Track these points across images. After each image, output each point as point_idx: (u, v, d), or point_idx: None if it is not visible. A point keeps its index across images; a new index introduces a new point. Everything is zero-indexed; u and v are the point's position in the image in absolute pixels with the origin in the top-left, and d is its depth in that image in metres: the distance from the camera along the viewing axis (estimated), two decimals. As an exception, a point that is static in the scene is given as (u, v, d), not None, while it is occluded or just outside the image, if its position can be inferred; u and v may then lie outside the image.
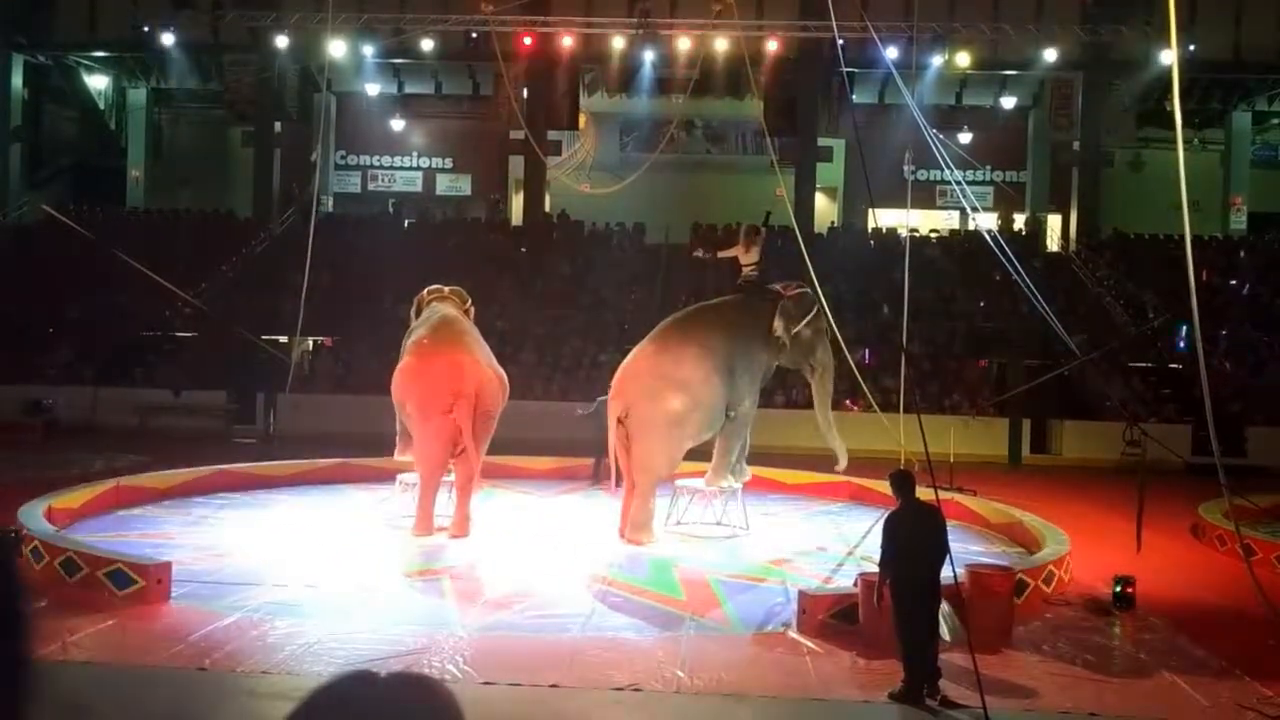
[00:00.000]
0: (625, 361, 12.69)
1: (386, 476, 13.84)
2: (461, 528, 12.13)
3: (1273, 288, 26.54)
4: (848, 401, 21.83)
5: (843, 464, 13.78)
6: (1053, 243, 30.75)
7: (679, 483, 13.20)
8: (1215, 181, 31.47)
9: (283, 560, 10.87)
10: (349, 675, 1.39)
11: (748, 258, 13.63)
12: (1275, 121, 32.58)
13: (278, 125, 30.68)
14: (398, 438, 13.08)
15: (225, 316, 22.64)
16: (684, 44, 25.82)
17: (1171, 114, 9.55)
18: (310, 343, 24.63)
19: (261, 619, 8.72)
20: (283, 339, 22.18)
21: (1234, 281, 26.92)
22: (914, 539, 7.41)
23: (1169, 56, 18.38)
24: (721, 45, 24.78)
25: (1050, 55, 27.44)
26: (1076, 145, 30.19)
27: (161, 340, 24.69)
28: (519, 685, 7.49)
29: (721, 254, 14.46)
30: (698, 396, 12.06)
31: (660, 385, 11.98)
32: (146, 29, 28.35)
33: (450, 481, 12.58)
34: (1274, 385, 22.95)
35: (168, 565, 9.51)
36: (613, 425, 12.14)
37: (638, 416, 11.96)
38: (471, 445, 11.93)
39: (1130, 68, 28.06)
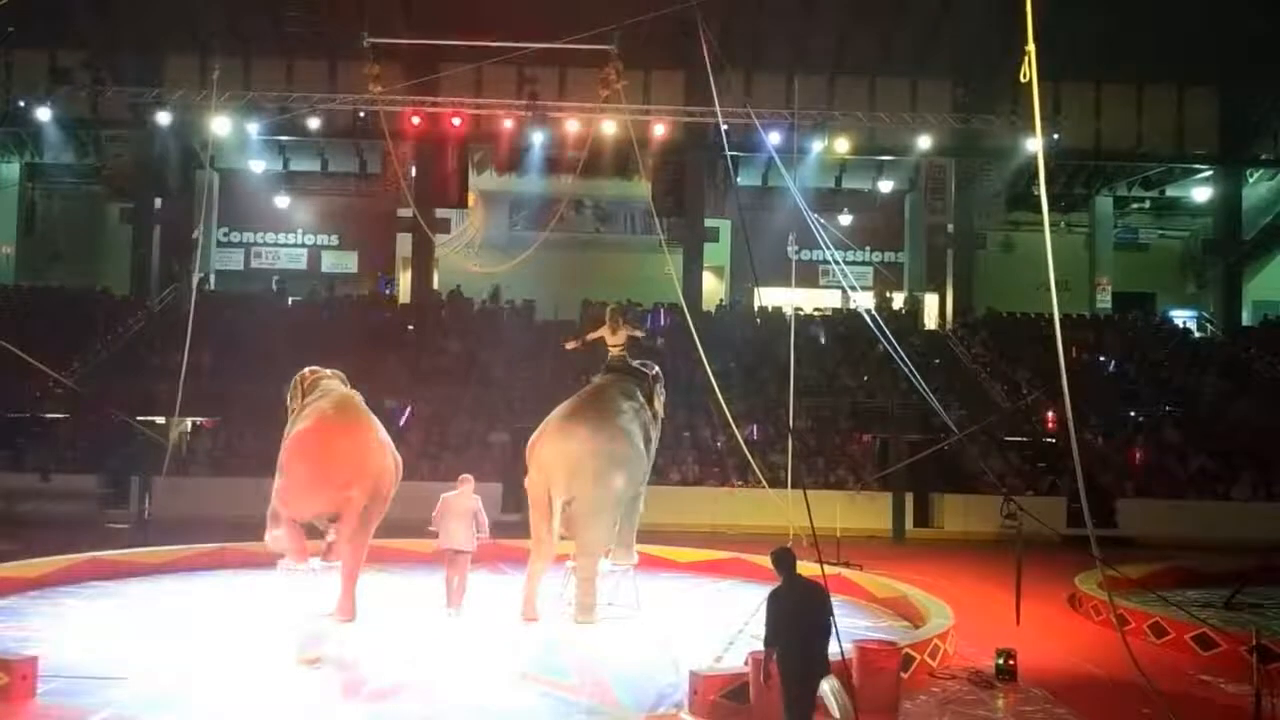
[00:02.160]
0: (549, 440, 12.27)
1: (267, 562, 13.41)
2: (348, 611, 11.84)
3: (1137, 364, 27.74)
4: (734, 480, 22.07)
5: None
6: (930, 321, 31.74)
7: (570, 564, 13.08)
8: (1081, 263, 32.97)
9: (156, 652, 10.43)
10: None
11: (615, 339, 13.84)
12: (1135, 206, 34.38)
13: (158, 201, 30.13)
14: (269, 516, 12.53)
15: (99, 397, 21.91)
16: (573, 125, 26.20)
17: (1039, 199, 10.00)
18: (189, 424, 23.94)
19: (132, 715, 8.35)
20: (160, 420, 21.52)
21: (1101, 358, 28.07)
22: (796, 615, 7.26)
23: (1035, 145, 19.29)
24: (610, 128, 25.23)
25: (924, 142, 28.60)
26: (950, 228, 31.39)
27: (30, 422, 23.74)
28: (405, 777, 7.29)
29: (590, 337, 14.50)
30: (633, 474, 12.29)
31: (607, 466, 12.00)
32: (22, 103, 27.69)
33: (335, 566, 12.30)
34: (1142, 458, 23.91)
35: (33, 660, 9.04)
36: (541, 499, 11.99)
37: (588, 499, 11.88)
38: (360, 529, 11.72)
39: (1000, 154, 29.45)
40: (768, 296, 29.39)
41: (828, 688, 8.73)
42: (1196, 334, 31.86)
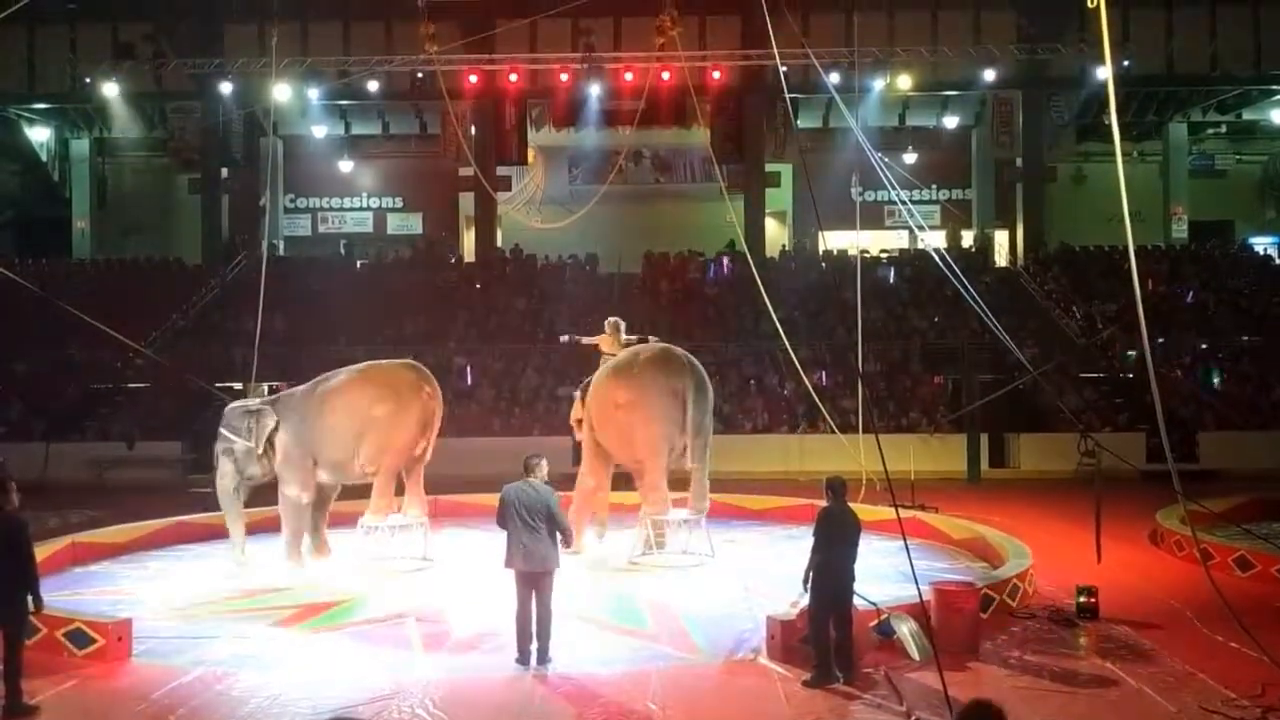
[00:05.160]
0: (661, 353, 13.28)
1: (347, 521, 13.68)
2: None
3: (1215, 294, 27.04)
4: (804, 426, 22.01)
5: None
6: (1001, 258, 31.19)
7: (643, 512, 13.19)
8: (1156, 192, 32.10)
9: (244, 611, 10.73)
10: None
11: (611, 348, 14.13)
12: (1210, 132, 33.35)
13: (224, 171, 30.55)
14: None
15: (178, 366, 22.38)
16: (629, 76, 26.02)
17: (1110, 128, 9.73)
18: (265, 388, 24.37)
19: (225, 672, 8.60)
20: (237, 386, 21.94)
21: (1178, 289, 27.41)
22: (838, 534, 8.39)
23: (1104, 72, 18.74)
24: (666, 76, 25.00)
25: (989, 75, 27.96)
26: (1019, 161, 30.72)
27: (113, 392, 24.36)
28: (490, 726, 7.43)
29: (585, 340, 14.94)
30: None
31: (703, 379, 13.19)
32: (88, 80, 28.17)
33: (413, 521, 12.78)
34: (1223, 391, 23.37)
35: (128, 622, 9.34)
36: (677, 400, 12.74)
37: (707, 396, 13.04)
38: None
39: (1068, 84, 28.69)
40: (832, 240, 29.06)
41: (906, 630, 8.78)
42: (1278, 261, 30.92)
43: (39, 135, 32.06)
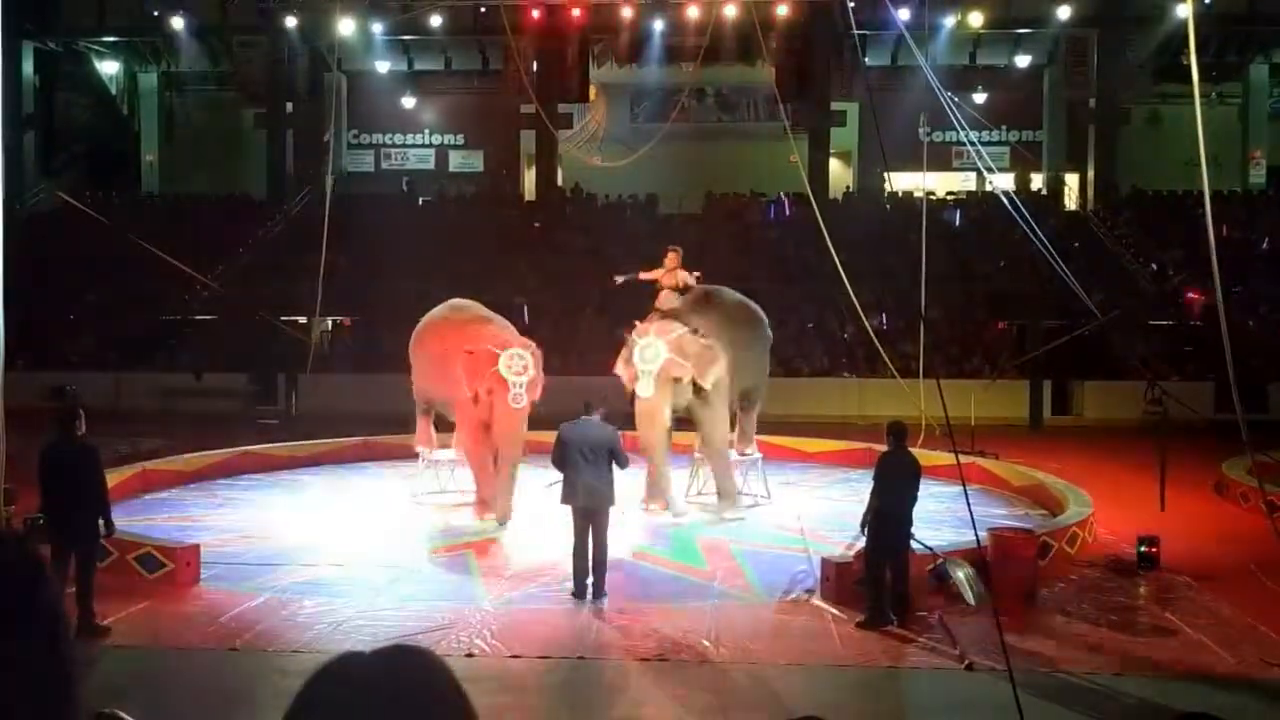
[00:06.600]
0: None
1: (409, 454, 13.89)
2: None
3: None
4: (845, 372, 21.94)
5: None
6: (1071, 202, 30.52)
7: (698, 454, 13.24)
8: (1233, 136, 31.13)
9: (309, 540, 10.95)
10: (340, 657, 1.37)
11: (670, 282, 13.72)
12: (1293, 73, 32.20)
13: (289, 106, 30.68)
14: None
15: (243, 299, 22.72)
16: (693, 11, 25.64)
17: (1188, 68, 9.42)
18: (329, 323, 24.69)
19: (290, 599, 8.81)
20: (301, 320, 22.24)
21: (1254, 236, 26.68)
22: (895, 478, 8.43)
23: (1184, 10, 18.18)
24: (731, 11, 24.61)
25: (1064, 12, 27.18)
26: (1092, 103, 29.91)
27: (181, 324, 24.81)
28: (547, 658, 7.56)
29: (644, 276, 14.34)
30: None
31: None
32: (156, 13, 28.40)
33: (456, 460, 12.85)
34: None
35: (196, 548, 9.60)
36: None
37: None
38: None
39: (1145, 22, 27.77)
40: (898, 181, 28.59)
41: (962, 575, 8.75)
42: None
43: (109, 69, 32.44)
